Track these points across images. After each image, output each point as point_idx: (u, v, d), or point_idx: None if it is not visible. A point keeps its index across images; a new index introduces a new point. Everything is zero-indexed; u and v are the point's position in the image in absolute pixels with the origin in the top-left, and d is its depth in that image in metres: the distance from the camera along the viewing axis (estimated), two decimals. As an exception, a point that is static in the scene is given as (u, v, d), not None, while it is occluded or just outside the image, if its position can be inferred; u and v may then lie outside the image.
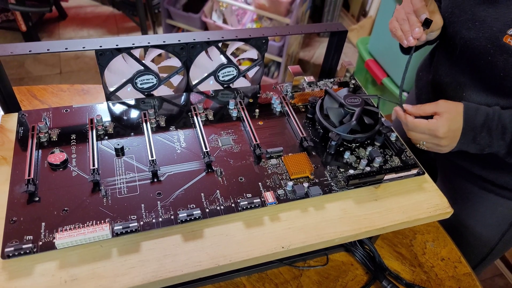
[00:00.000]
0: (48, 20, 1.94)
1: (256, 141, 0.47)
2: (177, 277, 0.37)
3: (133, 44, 0.49)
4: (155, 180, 0.43)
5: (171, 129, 0.49)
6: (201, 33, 0.52)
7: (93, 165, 0.42)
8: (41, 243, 0.36)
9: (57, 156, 0.43)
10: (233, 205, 0.41)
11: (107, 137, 0.47)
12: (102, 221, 0.38)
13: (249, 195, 0.42)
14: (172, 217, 0.39)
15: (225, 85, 0.58)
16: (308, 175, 0.45)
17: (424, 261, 0.55)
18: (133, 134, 0.48)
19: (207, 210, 0.40)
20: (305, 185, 0.44)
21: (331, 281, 0.51)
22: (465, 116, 0.46)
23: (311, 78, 0.59)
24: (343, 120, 0.49)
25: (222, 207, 0.41)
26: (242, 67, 0.57)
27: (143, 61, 0.52)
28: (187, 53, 0.52)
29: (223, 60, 0.56)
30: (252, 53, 0.58)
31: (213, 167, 0.45)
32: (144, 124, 0.48)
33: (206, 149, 0.46)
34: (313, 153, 0.48)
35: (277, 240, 0.40)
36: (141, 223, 0.38)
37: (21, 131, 0.46)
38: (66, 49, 0.46)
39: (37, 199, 0.40)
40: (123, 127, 0.49)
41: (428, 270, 0.54)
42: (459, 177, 0.61)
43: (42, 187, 0.41)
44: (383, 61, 1.43)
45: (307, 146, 0.48)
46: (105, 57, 0.49)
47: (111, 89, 0.52)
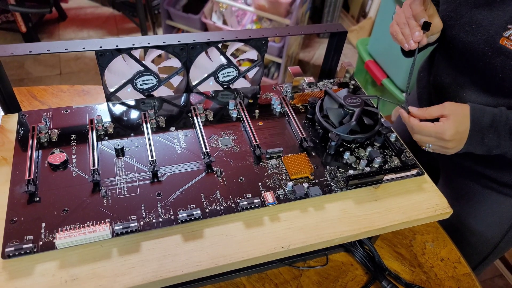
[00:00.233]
0: (48, 21, 1.95)
1: (256, 141, 0.47)
2: (177, 277, 0.37)
3: (133, 45, 0.49)
4: (155, 180, 0.43)
5: (171, 129, 0.49)
6: (201, 34, 0.52)
7: (93, 166, 0.42)
8: (41, 243, 0.36)
9: (57, 157, 0.43)
10: (233, 205, 0.41)
11: (107, 138, 0.47)
12: (102, 221, 0.38)
13: (249, 195, 0.42)
14: (172, 217, 0.39)
15: (225, 86, 0.58)
16: (308, 176, 0.45)
17: (423, 262, 0.55)
18: (133, 134, 0.48)
19: (207, 210, 0.40)
20: (305, 185, 0.44)
21: (331, 281, 0.51)
22: (472, 118, 0.45)
23: (311, 79, 0.60)
24: (342, 121, 0.49)
25: (222, 207, 0.41)
26: (242, 68, 0.57)
27: (143, 61, 0.52)
28: (187, 53, 0.52)
29: (223, 60, 0.56)
30: (252, 53, 0.58)
31: (213, 167, 0.45)
32: (144, 124, 0.48)
33: (206, 149, 0.46)
34: (313, 153, 0.48)
35: (277, 240, 0.40)
36: (141, 223, 0.39)
37: (21, 132, 0.46)
38: (66, 49, 0.46)
39: (37, 199, 0.40)
40: (123, 127, 0.49)
41: (428, 271, 0.54)
42: (461, 176, 0.61)
43: (42, 187, 0.41)
44: (382, 62, 1.43)
45: (307, 146, 0.48)
46: (105, 57, 0.49)
47: (111, 90, 0.52)
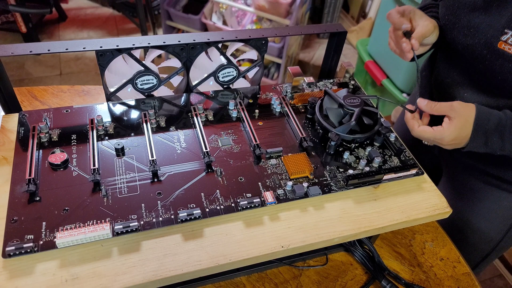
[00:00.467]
0: (48, 21, 1.95)
1: (256, 141, 0.48)
2: (177, 276, 0.37)
3: (133, 45, 0.49)
4: (155, 180, 0.43)
5: (171, 129, 0.49)
6: (201, 34, 0.52)
7: (94, 165, 0.42)
8: (42, 242, 0.36)
9: (57, 156, 0.43)
10: (233, 204, 0.41)
11: (107, 137, 0.47)
12: (103, 220, 0.38)
13: (248, 195, 0.42)
14: (172, 216, 0.40)
15: (225, 86, 0.58)
16: (307, 175, 0.45)
17: (423, 261, 0.55)
18: (133, 134, 0.48)
19: (207, 210, 0.41)
20: (305, 185, 0.44)
21: (330, 281, 0.51)
22: (477, 121, 0.46)
23: (311, 79, 0.60)
24: (342, 121, 0.50)
25: (222, 206, 0.41)
26: (242, 68, 0.58)
27: (143, 61, 0.52)
28: (187, 53, 0.52)
29: (223, 60, 0.56)
30: (252, 54, 0.58)
31: (213, 167, 0.45)
32: (144, 124, 0.49)
33: (206, 149, 0.46)
34: (313, 153, 0.49)
35: (277, 239, 0.40)
36: (142, 222, 0.39)
37: (22, 132, 0.46)
38: (66, 49, 0.46)
39: (37, 198, 0.40)
40: (123, 127, 0.49)
41: (427, 270, 0.54)
42: (464, 173, 0.61)
43: (42, 186, 0.41)
44: (382, 62, 1.43)
45: (306, 146, 0.48)
46: (105, 57, 0.49)
47: (112, 90, 0.52)
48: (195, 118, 0.50)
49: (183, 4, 1.68)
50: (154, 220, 0.39)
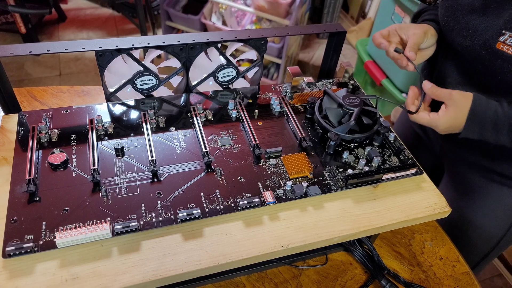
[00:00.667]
0: (48, 22, 1.95)
1: (255, 141, 0.48)
2: (177, 275, 0.37)
3: (132, 45, 0.49)
4: (155, 180, 0.43)
5: (170, 129, 0.49)
6: (200, 34, 0.52)
7: (93, 165, 0.42)
8: (42, 242, 0.36)
9: (57, 156, 0.43)
10: (232, 204, 0.41)
11: (107, 138, 0.47)
12: (103, 220, 0.38)
13: (248, 194, 0.43)
14: (172, 216, 0.40)
15: (224, 86, 0.58)
16: (307, 175, 0.46)
17: (422, 261, 0.55)
18: (133, 134, 0.48)
19: (206, 210, 0.41)
20: (304, 184, 0.44)
21: (330, 281, 0.51)
22: (472, 111, 0.47)
23: (310, 79, 0.60)
24: (341, 120, 0.50)
25: (222, 206, 0.41)
26: (241, 68, 0.58)
27: (143, 62, 0.52)
28: (186, 54, 0.52)
29: (223, 61, 0.56)
30: (251, 54, 0.58)
31: (212, 167, 0.45)
32: (144, 124, 0.49)
33: (205, 149, 0.46)
34: (312, 153, 0.49)
35: (276, 239, 0.40)
36: (141, 222, 0.39)
37: (22, 132, 0.46)
38: (66, 50, 0.47)
39: (37, 199, 0.40)
40: (123, 127, 0.49)
41: (427, 269, 0.54)
42: (466, 170, 0.62)
43: (42, 187, 0.41)
44: (382, 62, 1.43)
45: (306, 146, 0.49)
46: (105, 58, 0.49)
47: (111, 90, 0.52)
48: (194, 118, 0.50)
49: (182, 5, 1.68)
50: (154, 220, 0.39)
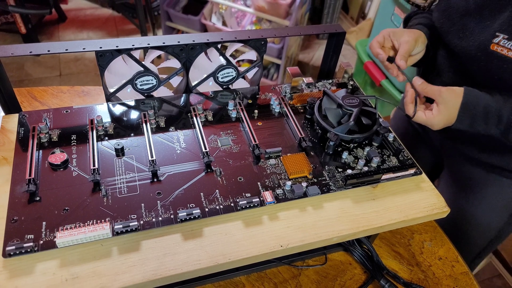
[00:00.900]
0: (48, 22, 1.95)
1: (255, 141, 0.48)
2: (177, 275, 0.37)
3: (133, 46, 0.49)
4: (155, 180, 0.43)
5: (170, 129, 0.50)
6: (200, 35, 0.53)
7: (94, 165, 0.43)
8: (42, 242, 0.36)
9: (57, 156, 0.43)
10: (232, 204, 0.42)
11: (107, 138, 0.47)
12: (103, 220, 0.38)
13: (248, 194, 0.43)
14: (172, 216, 0.40)
15: (224, 86, 0.58)
16: (306, 175, 0.46)
17: (421, 260, 0.55)
18: (133, 134, 0.48)
19: (206, 210, 0.41)
20: (304, 184, 0.44)
21: (329, 280, 0.51)
22: (464, 105, 0.48)
23: (310, 79, 0.60)
24: (341, 121, 0.50)
25: (221, 206, 0.41)
26: (241, 69, 0.58)
27: (143, 62, 0.52)
28: (186, 54, 0.52)
29: (223, 61, 0.56)
30: (251, 54, 0.59)
31: (212, 167, 0.45)
32: (144, 124, 0.49)
33: (205, 149, 0.46)
34: (312, 153, 0.49)
35: (276, 239, 0.40)
36: (141, 222, 0.39)
37: (22, 132, 0.47)
38: (66, 50, 0.47)
39: (38, 198, 0.40)
40: (123, 127, 0.49)
41: (426, 269, 0.54)
42: (465, 164, 0.62)
43: (42, 187, 0.41)
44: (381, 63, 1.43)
45: (305, 146, 0.49)
46: (105, 58, 0.49)
47: (111, 90, 0.53)
48: (194, 118, 0.51)
49: (182, 5, 1.68)
50: (153, 219, 0.39)
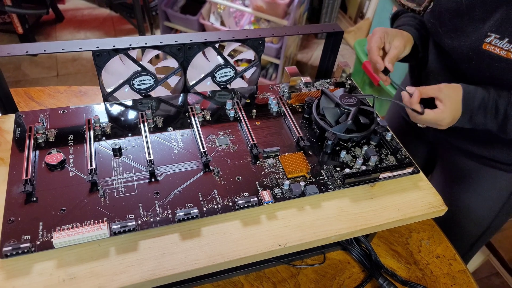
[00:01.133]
0: (45, 22, 1.94)
1: (253, 141, 0.48)
2: (175, 275, 0.37)
3: (130, 45, 0.49)
4: (153, 179, 0.43)
5: (168, 129, 0.49)
6: (198, 34, 0.52)
7: (91, 165, 0.42)
8: (39, 242, 0.36)
9: (54, 157, 0.43)
10: (230, 204, 0.42)
11: (104, 138, 0.47)
12: (100, 220, 0.38)
13: (246, 194, 0.43)
14: (170, 216, 0.40)
15: (222, 86, 0.58)
16: (304, 174, 0.46)
17: (419, 259, 0.55)
18: (130, 134, 0.48)
19: (204, 209, 0.41)
20: (302, 184, 0.44)
21: (328, 279, 0.51)
22: (464, 100, 0.49)
23: (308, 79, 0.60)
24: (339, 120, 0.50)
25: (220, 206, 0.41)
26: (239, 68, 0.58)
27: (140, 62, 0.52)
28: (184, 54, 0.52)
29: (220, 61, 0.56)
30: (249, 54, 0.59)
31: (210, 166, 0.45)
32: (141, 124, 0.49)
33: (203, 149, 0.46)
34: (310, 152, 0.49)
35: (274, 238, 0.40)
36: (139, 222, 0.39)
37: (18, 132, 0.46)
38: (63, 49, 0.47)
39: (34, 199, 0.40)
40: (120, 127, 0.49)
41: (424, 268, 0.54)
42: (459, 156, 0.63)
43: (39, 187, 0.41)
44: (379, 62, 1.43)
45: (303, 145, 0.49)
46: (102, 57, 0.49)
47: (109, 90, 0.52)
48: (192, 118, 0.50)
49: (181, 5, 1.68)
50: (151, 219, 0.39)
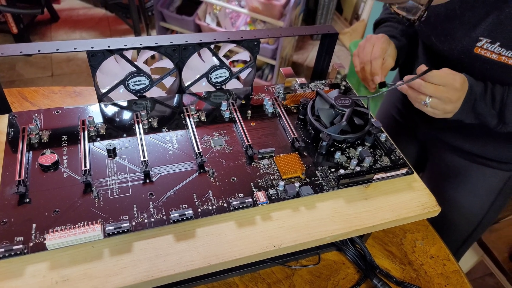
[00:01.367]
0: (40, 22, 1.93)
1: (248, 141, 0.48)
2: (169, 276, 0.37)
3: (125, 46, 0.49)
4: (147, 180, 0.43)
5: (163, 130, 0.49)
6: (193, 35, 0.52)
7: (85, 166, 0.42)
8: (32, 244, 0.36)
9: (48, 158, 0.43)
10: (225, 205, 0.42)
11: (99, 138, 0.47)
12: (94, 221, 0.38)
13: (241, 195, 0.43)
14: (164, 217, 0.40)
15: (217, 87, 0.58)
16: (299, 175, 0.46)
17: (413, 259, 0.55)
18: (125, 135, 0.48)
19: (199, 210, 0.41)
20: (297, 184, 0.44)
21: (323, 280, 0.51)
22: (470, 83, 0.49)
23: (303, 80, 0.60)
24: (333, 121, 0.50)
25: (214, 207, 0.41)
26: (234, 69, 0.58)
27: (136, 62, 0.52)
28: (179, 54, 0.52)
29: (216, 61, 0.56)
30: (245, 55, 0.59)
31: (205, 167, 0.45)
32: (136, 125, 0.48)
33: (198, 149, 0.46)
34: (305, 153, 0.49)
35: (269, 239, 0.40)
36: (133, 223, 0.39)
37: (12, 133, 0.46)
38: (57, 50, 0.46)
39: (27, 200, 0.39)
40: (115, 128, 0.49)
41: (418, 268, 0.54)
42: (449, 154, 0.64)
43: (33, 188, 0.41)
44: (374, 63, 1.44)
45: (298, 146, 0.49)
46: (96, 58, 0.49)
47: (103, 91, 0.52)
48: (187, 119, 0.50)
49: (177, 5, 1.68)
50: (146, 220, 0.39)
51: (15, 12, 1.59)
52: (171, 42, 0.51)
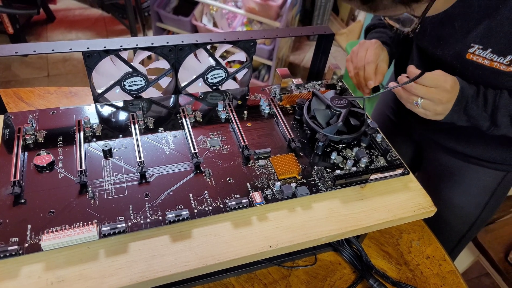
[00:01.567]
0: (36, 22, 1.92)
1: (244, 142, 0.48)
2: (165, 277, 0.37)
3: (121, 46, 0.49)
4: (143, 181, 0.43)
5: (159, 130, 0.49)
6: (189, 36, 0.52)
7: (81, 167, 0.42)
8: (27, 245, 0.36)
9: (43, 158, 0.43)
10: (221, 205, 0.42)
11: (95, 139, 0.47)
12: (89, 222, 0.38)
13: (237, 195, 0.43)
14: (160, 218, 0.39)
15: (214, 87, 0.58)
16: (295, 176, 0.46)
17: (410, 260, 0.56)
18: (121, 136, 0.48)
19: (195, 211, 0.41)
20: (293, 185, 0.44)
21: (319, 281, 0.51)
22: (461, 85, 0.49)
23: (299, 80, 0.60)
24: (329, 122, 0.50)
25: (211, 207, 0.41)
26: (230, 70, 0.58)
27: (132, 63, 0.52)
28: (175, 55, 0.52)
29: (212, 62, 0.56)
30: (241, 55, 0.59)
31: (201, 168, 0.45)
32: (132, 126, 0.48)
33: (194, 150, 0.46)
34: (301, 154, 0.49)
35: (265, 239, 0.40)
36: (129, 224, 0.38)
37: (7, 133, 0.46)
38: (52, 50, 0.46)
39: (23, 201, 0.39)
40: (111, 129, 0.48)
41: (414, 268, 0.55)
42: (444, 154, 0.65)
43: (28, 189, 0.40)
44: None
45: (294, 147, 0.49)
46: (92, 58, 0.49)
47: (99, 91, 0.52)
48: (183, 119, 0.50)
49: (173, 6, 1.68)
50: (141, 221, 0.39)
51: (11, 13, 1.58)
52: (168, 43, 0.51)
